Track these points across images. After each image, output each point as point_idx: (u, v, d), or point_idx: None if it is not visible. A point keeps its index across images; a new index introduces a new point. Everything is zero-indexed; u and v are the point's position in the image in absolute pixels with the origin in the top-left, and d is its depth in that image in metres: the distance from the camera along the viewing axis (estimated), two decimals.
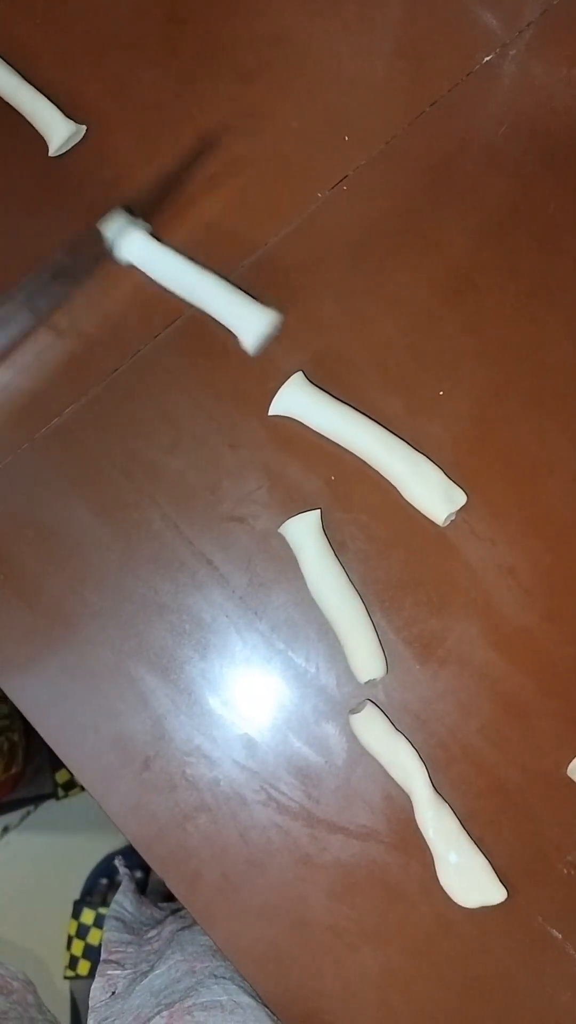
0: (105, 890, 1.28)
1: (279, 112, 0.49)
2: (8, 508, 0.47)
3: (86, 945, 1.25)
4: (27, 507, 0.47)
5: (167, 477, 0.47)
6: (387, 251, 0.48)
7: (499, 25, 0.50)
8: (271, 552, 0.46)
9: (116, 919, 0.67)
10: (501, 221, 0.48)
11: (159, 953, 0.61)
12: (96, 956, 1.23)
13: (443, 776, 0.45)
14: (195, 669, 0.46)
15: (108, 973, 0.60)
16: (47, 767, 1.27)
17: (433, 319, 0.47)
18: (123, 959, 0.62)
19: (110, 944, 0.64)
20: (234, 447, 0.47)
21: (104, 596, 0.46)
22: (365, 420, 0.45)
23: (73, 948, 1.26)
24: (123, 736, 0.46)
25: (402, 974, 0.44)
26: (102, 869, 1.30)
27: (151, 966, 0.60)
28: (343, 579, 0.45)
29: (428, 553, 0.46)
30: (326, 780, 0.45)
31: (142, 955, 0.62)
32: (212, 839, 0.45)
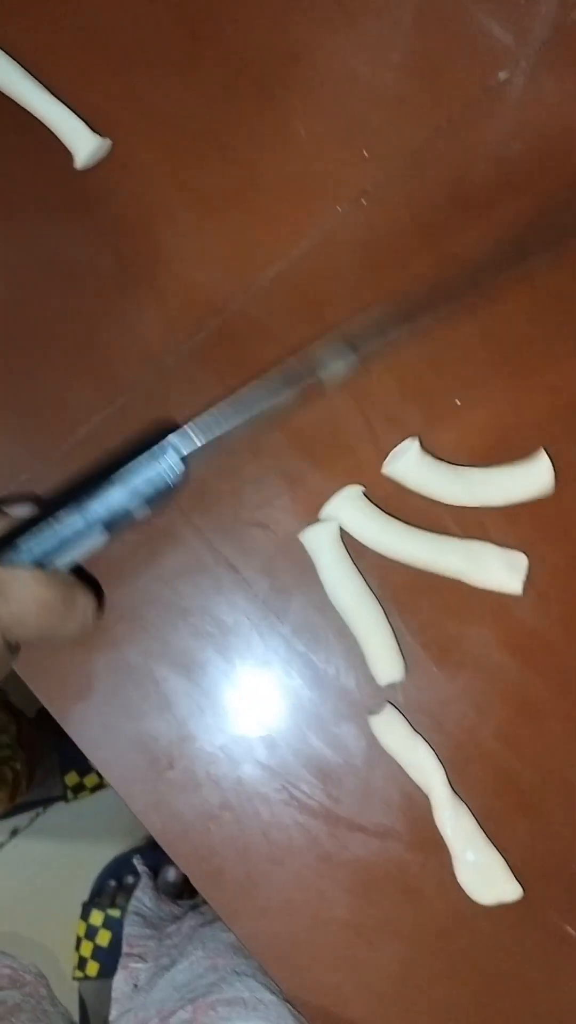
0: (114, 892, 1.29)
1: (299, 127, 0.51)
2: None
3: (95, 946, 1.26)
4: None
5: (191, 483, 0.48)
6: (404, 262, 0.49)
7: (514, 43, 0.51)
8: (292, 557, 0.48)
9: (136, 914, 0.68)
10: (517, 235, 0.49)
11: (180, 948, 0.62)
12: (105, 957, 1.24)
13: (460, 776, 0.46)
14: (218, 671, 0.47)
15: (130, 966, 0.61)
16: (56, 770, 1.29)
17: (449, 329, 0.49)
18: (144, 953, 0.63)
19: (131, 938, 0.65)
20: (256, 454, 0.48)
21: (128, 599, 0.48)
22: (413, 532, 0.47)
23: (82, 949, 1.27)
24: (147, 736, 0.47)
25: (420, 970, 0.45)
26: (111, 871, 1.31)
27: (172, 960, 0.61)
28: (361, 585, 0.47)
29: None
30: (346, 780, 0.46)
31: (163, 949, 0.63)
32: (235, 837, 0.46)
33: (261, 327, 0.49)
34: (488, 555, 0.46)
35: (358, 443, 0.48)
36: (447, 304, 0.48)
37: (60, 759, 1.29)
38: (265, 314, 0.49)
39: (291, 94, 0.51)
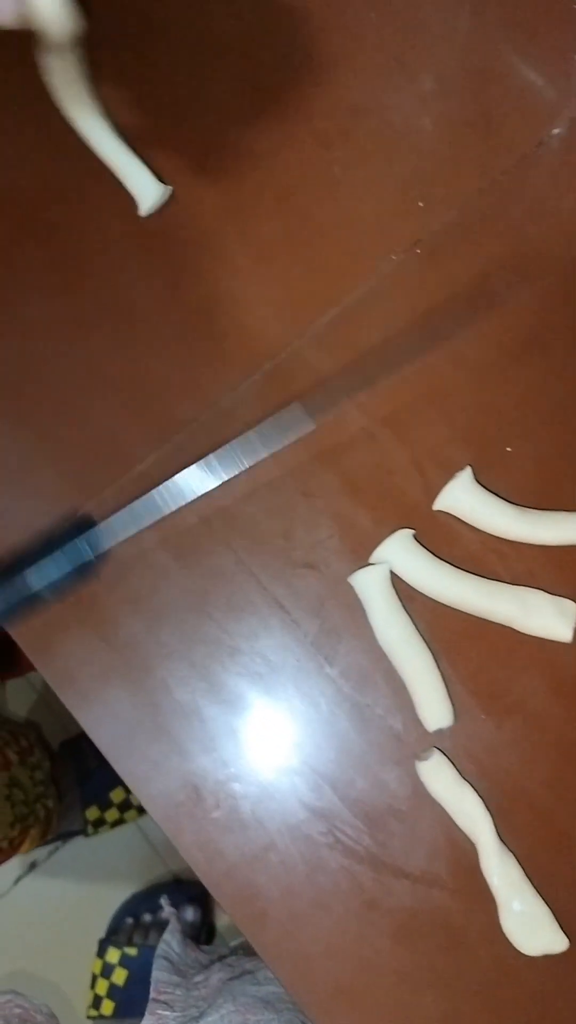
0: (131, 929, 1.28)
1: (356, 177, 0.52)
2: None
3: (111, 985, 1.24)
4: (108, 549, 0.48)
5: (242, 523, 0.49)
6: (457, 312, 0.50)
7: (565, 99, 0.52)
8: (341, 599, 0.48)
9: (164, 959, 0.68)
10: (569, 287, 0.50)
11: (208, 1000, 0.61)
12: (121, 996, 1.22)
13: (506, 824, 0.45)
14: (265, 711, 0.47)
15: (158, 1012, 0.61)
16: (78, 804, 1.28)
17: (502, 378, 0.49)
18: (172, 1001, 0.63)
19: (159, 984, 0.64)
20: (307, 495, 0.49)
21: (178, 637, 0.48)
22: (464, 576, 0.47)
23: (97, 987, 1.25)
24: (194, 774, 0.47)
25: (463, 1019, 0.45)
26: (129, 908, 1.30)
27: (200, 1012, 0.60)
28: (411, 629, 0.47)
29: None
30: (391, 825, 0.46)
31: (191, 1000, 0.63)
32: (279, 879, 0.46)
33: (314, 371, 0.50)
34: (538, 602, 0.46)
35: (409, 486, 0.49)
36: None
37: (82, 793, 1.28)
38: (318, 358, 0.50)
39: (350, 145, 0.52)
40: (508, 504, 0.47)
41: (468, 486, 0.47)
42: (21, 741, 1.08)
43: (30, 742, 1.10)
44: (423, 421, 0.49)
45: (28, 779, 1.04)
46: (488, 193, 0.51)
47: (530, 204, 0.51)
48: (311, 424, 0.48)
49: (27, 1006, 0.75)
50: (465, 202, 0.51)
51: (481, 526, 0.48)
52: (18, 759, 1.04)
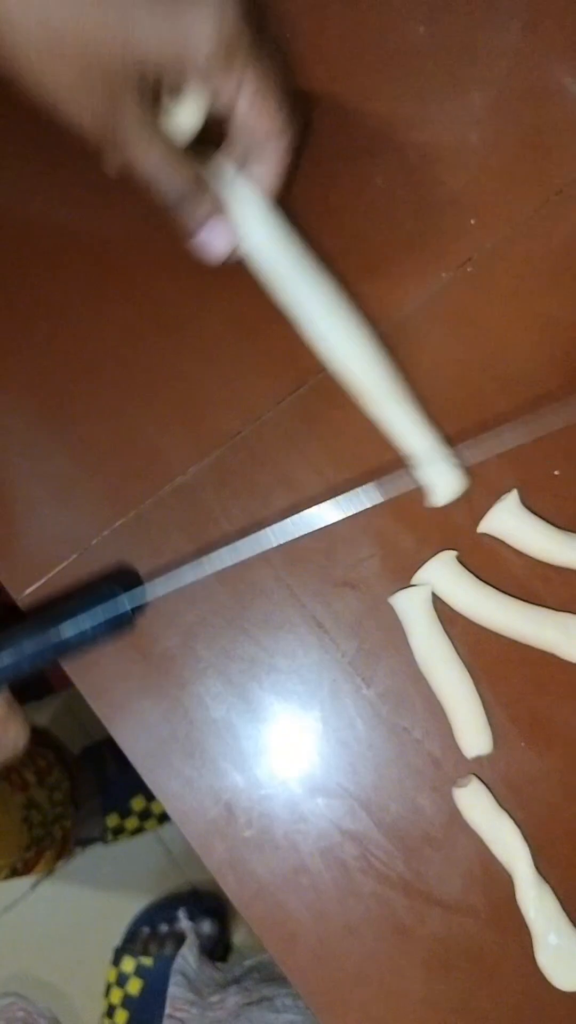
0: (147, 939, 1.27)
1: (409, 195, 0.51)
2: (129, 561, 0.48)
3: (125, 994, 1.23)
4: (147, 561, 0.48)
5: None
6: (507, 329, 0.50)
7: None
8: (381, 620, 0.47)
9: (181, 974, 0.67)
10: None
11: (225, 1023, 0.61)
12: (134, 1007, 1.22)
13: (545, 856, 0.45)
14: (300, 730, 0.47)
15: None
16: (99, 810, 1.27)
17: (550, 399, 0.49)
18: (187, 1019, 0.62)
19: (175, 1000, 0.64)
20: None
21: (215, 653, 0.48)
22: (507, 601, 0.46)
23: (111, 996, 1.24)
24: (227, 792, 0.46)
25: None
26: (145, 917, 1.29)
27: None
28: (451, 653, 0.46)
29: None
30: (426, 851, 0.45)
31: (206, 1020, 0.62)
32: (310, 903, 0.45)
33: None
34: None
35: (453, 507, 0.48)
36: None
37: (103, 800, 1.28)
38: None
39: (403, 161, 0.52)
40: (554, 528, 0.47)
41: (514, 509, 0.46)
42: (39, 761, 1.07)
43: (49, 762, 1.09)
44: (468, 442, 0.48)
45: (47, 800, 1.03)
46: (541, 211, 0.50)
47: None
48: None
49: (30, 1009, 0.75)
50: (518, 221, 0.50)
51: (526, 550, 0.47)
52: (36, 780, 1.03)
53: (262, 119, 0.41)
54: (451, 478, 0.46)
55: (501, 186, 0.51)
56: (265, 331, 0.50)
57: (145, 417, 0.50)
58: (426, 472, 0.46)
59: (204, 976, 0.71)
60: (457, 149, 0.52)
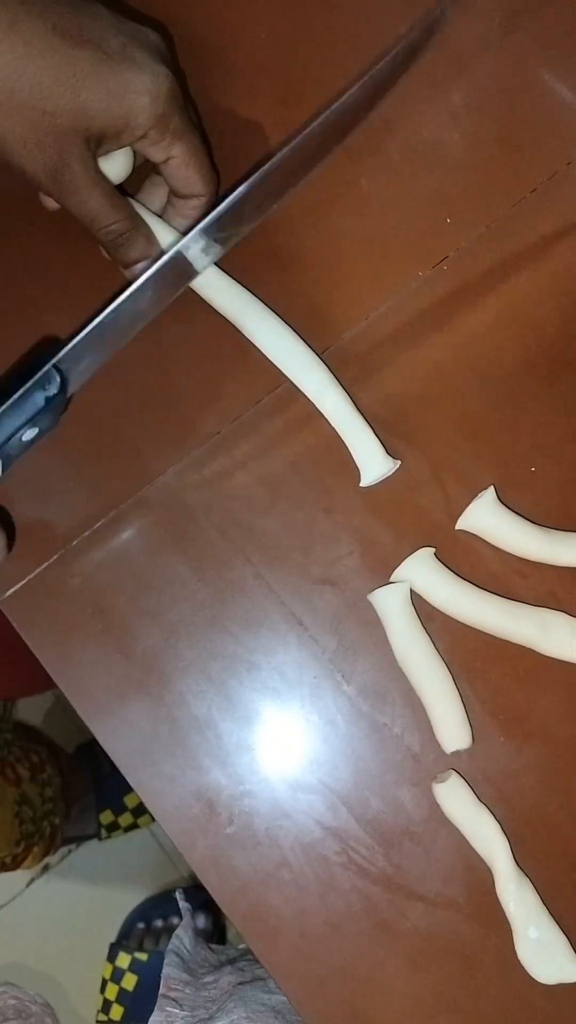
0: (142, 935, 1.28)
1: (385, 193, 0.51)
2: (110, 561, 0.48)
3: (120, 990, 1.24)
4: (128, 561, 0.48)
5: (262, 538, 0.48)
6: (483, 329, 0.50)
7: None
8: (360, 617, 0.48)
9: (176, 954, 0.67)
10: None
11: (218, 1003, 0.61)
12: (130, 1002, 1.22)
13: (524, 850, 0.45)
14: (281, 727, 0.47)
15: (167, 1010, 0.61)
16: (92, 807, 1.28)
17: (528, 396, 0.49)
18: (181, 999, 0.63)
19: (169, 980, 0.64)
20: (328, 511, 0.49)
21: (196, 651, 0.48)
22: (485, 597, 0.47)
23: (107, 992, 1.25)
24: (209, 790, 0.47)
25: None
26: (140, 913, 1.30)
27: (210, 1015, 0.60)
28: (430, 649, 0.46)
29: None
30: (407, 846, 0.46)
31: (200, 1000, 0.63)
32: (292, 898, 0.46)
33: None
34: (560, 624, 0.46)
35: (431, 504, 0.48)
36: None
37: (97, 797, 1.29)
38: (341, 373, 0.50)
39: (379, 160, 0.52)
40: (532, 524, 0.47)
41: (491, 506, 0.47)
42: (32, 757, 1.08)
43: (41, 759, 1.10)
44: (446, 439, 0.49)
45: (38, 796, 1.04)
46: (517, 211, 0.51)
47: (559, 222, 0.50)
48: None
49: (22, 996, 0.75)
50: (493, 219, 0.51)
51: (504, 546, 0.47)
52: (29, 775, 1.04)
53: (187, 182, 0.46)
54: (379, 459, 0.47)
55: (477, 184, 0.51)
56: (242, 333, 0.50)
57: (124, 419, 0.50)
58: (357, 454, 0.47)
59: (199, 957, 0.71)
60: (435, 148, 0.52)
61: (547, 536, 0.47)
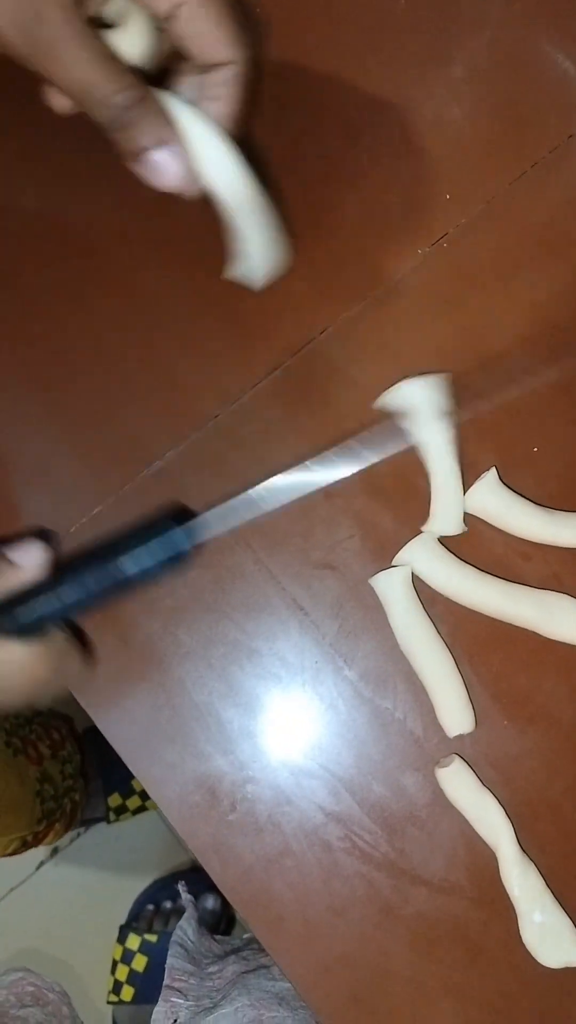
0: (151, 916, 1.28)
1: (383, 169, 0.50)
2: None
3: (131, 971, 1.25)
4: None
5: (261, 522, 0.48)
6: (484, 307, 0.49)
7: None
8: (361, 600, 0.47)
9: (180, 945, 0.68)
10: None
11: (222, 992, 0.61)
12: (141, 983, 1.23)
13: (528, 834, 0.45)
14: (282, 713, 0.47)
15: (171, 1000, 0.61)
16: (100, 791, 1.28)
17: (528, 376, 0.48)
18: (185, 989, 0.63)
19: (173, 971, 0.64)
20: (328, 495, 0.48)
21: (196, 637, 0.47)
22: (487, 579, 0.46)
23: (117, 973, 1.25)
24: (210, 777, 0.46)
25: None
26: (149, 895, 1.30)
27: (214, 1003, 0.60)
28: (432, 633, 0.46)
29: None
30: (410, 831, 0.45)
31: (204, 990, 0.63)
32: (295, 885, 0.45)
33: (335, 367, 0.49)
34: (563, 606, 0.45)
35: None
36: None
37: (104, 780, 1.29)
38: (340, 353, 0.49)
39: (376, 135, 0.51)
40: (534, 505, 0.46)
41: (494, 487, 0.46)
42: (53, 735, 1.08)
43: (62, 735, 1.10)
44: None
45: (59, 773, 1.04)
46: (517, 186, 0.50)
47: (560, 197, 0.49)
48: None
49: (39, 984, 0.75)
50: (493, 195, 0.50)
51: (506, 528, 0.46)
52: (50, 753, 1.04)
53: (206, 41, 0.37)
54: (270, 253, 0.44)
55: (477, 160, 0.50)
56: (240, 315, 0.49)
57: (122, 403, 0.50)
58: (247, 248, 0.44)
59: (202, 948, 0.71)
60: (434, 123, 0.51)
61: (550, 517, 0.46)
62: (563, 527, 0.46)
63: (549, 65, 0.51)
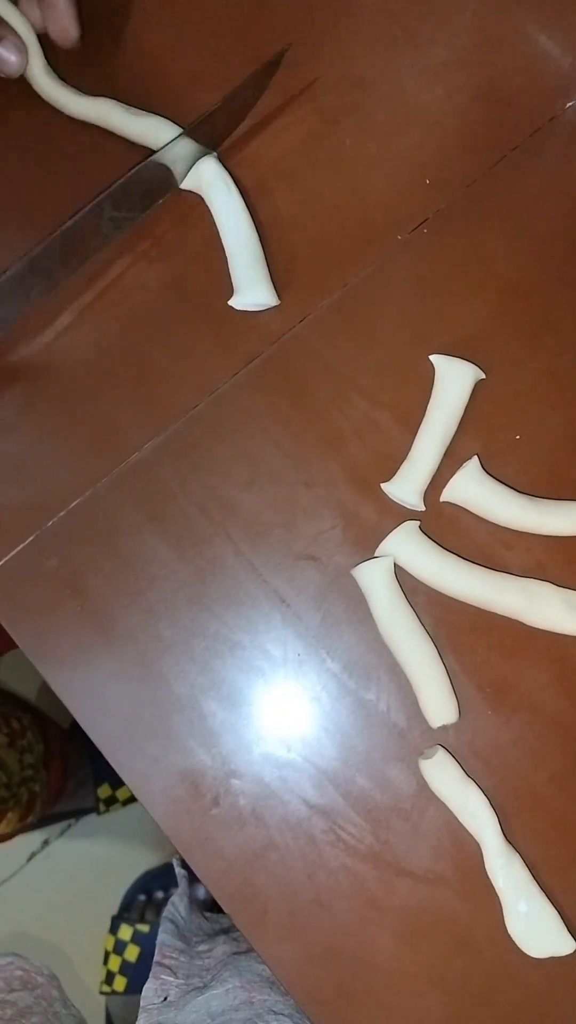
0: (143, 906, 1.28)
1: (361, 154, 0.50)
2: (87, 541, 0.47)
3: (123, 961, 1.25)
4: (105, 540, 0.47)
5: (243, 514, 0.47)
6: (465, 293, 0.49)
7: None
8: (344, 592, 0.47)
9: (171, 921, 0.67)
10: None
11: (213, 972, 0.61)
12: (133, 973, 1.23)
13: (513, 824, 0.44)
14: (265, 706, 0.46)
15: (162, 977, 0.60)
16: (90, 781, 1.28)
17: (511, 363, 0.48)
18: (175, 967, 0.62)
19: (164, 947, 0.64)
20: (310, 485, 0.47)
21: (177, 631, 0.47)
22: (470, 568, 0.46)
23: (110, 963, 1.26)
24: (193, 771, 0.46)
25: (468, 1022, 0.44)
26: (141, 885, 1.30)
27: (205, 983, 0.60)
28: (415, 623, 0.45)
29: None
30: (394, 823, 0.45)
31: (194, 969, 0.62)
32: (280, 878, 0.45)
33: (315, 354, 0.49)
34: (546, 594, 0.45)
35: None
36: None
37: (94, 771, 1.29)
38: (319, 341, 0.48)
39: (354, 120, 0.50)
40: (517, 493, 0.46)
41: (476, 476, 0.46)
42: (12, 723, 1.09)
43: (23, 725, 1.11)
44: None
45: (16, 762, 1.05)
46: (498, 170, 0.49)
47: (541, 181, 0.49)
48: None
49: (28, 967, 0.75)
50: (474, 179, 0.49)
51: (489, 516, 0.46)
52: (7, 742, 1.05)
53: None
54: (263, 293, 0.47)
55: (457, 143, 0.50)
56: (217, 304, 0.49)
57: (99, 395, 0.49)
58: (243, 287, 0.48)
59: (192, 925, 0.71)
60: (414, 107, 0.50)
61: (533, 504, 0.46)
62: (546, 515, 0.45)
63: (530, 45, 0.50)
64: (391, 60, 0.51)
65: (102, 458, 0.48)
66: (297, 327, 0.48)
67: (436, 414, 0.46)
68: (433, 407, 0.46)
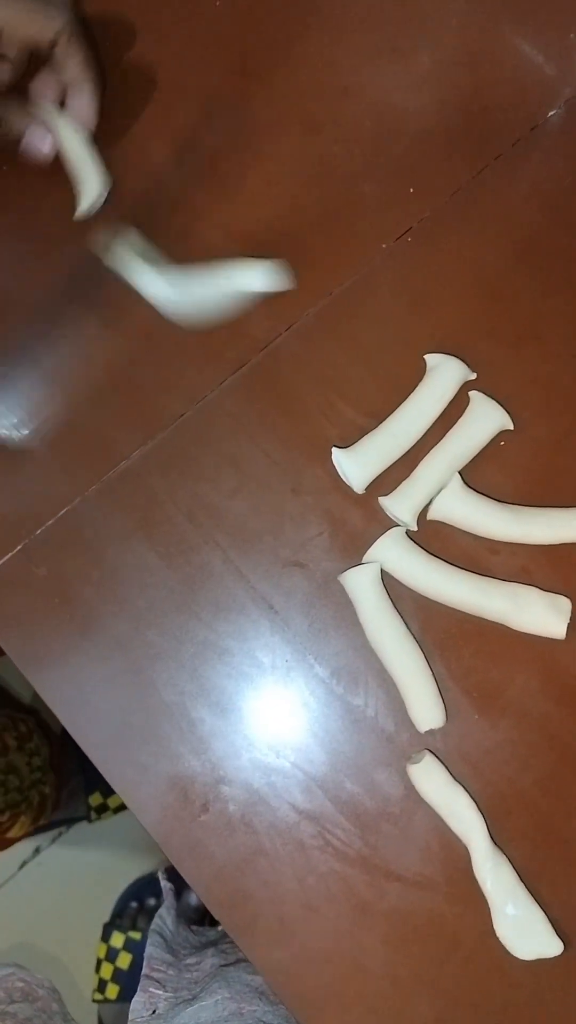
0: (135, 914, 1.28)
1: (345, 163, 0.50)
2: (75, 548, 0.48)
3: (115, 969, 1.25)
4: (94, 548, 0.48)
5: (230, 521, 0.48)
6: (449, 300, 0.49)
7: (563, 80, 0.50)
8: (331, 598, 0.47)
9: (158, 934, 0.67)
10: (567, 274, 0.48)
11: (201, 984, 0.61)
12: (125, 980, 1.23)
13: (500, 827, 0.45)
14: (254, 712, 0.47)
15: (150, 990, 0.60)
16: (81, 790, 1.28)
17: (495, 368, 0.48)
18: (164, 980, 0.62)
19: (152, 960, 0.64)
20: (297, 492, 0.48)
21: (166, 638, 0.47)
22: (456, 573, 0.46)
23: (102, 971, 1.26)
24: (183, 778, 0.46)
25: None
26: (132, 893, 1.30)
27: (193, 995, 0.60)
28: (402, 629, 0.46)
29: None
30: (383, 827, 0.45)
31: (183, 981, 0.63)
32: (270, 883, 0.45)
33: (301, 362, 0.49)
34: (532, 599, 0.45)
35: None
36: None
37: (85, 779, 1.29)
38: (306, 349, 0.49)
39: (338, 129, 0.50)
40: (501, 506, 0.46)
41: (459, 493, 0.46)
42: (20, 727, 1.09)
43: (29, 728, 1.11)
44: None
45: (25, 765, 1.05)
46: (481, 178, 0.50)
47: (524, 189, 0.49)
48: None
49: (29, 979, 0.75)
50: (457, 188, 0.50)
51: (475, 531, 0.46)
52: (16, 744, 1.05)
53: (78, 53, 0.47)
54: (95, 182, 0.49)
55: (441, 152, 0.50)
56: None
57: (88, 403, 0.49)
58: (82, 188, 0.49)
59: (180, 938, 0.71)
60: (398, 116, 0.51)
61: (517, 516, 0.46)
62: (531, 525, 0.46)
63: (513, 56, 0.51)
64: (376, 69, 0.51)
65: (90, 467, 0.49)
66: (283, 335, 0.49)
67: (451, 439, 0.47)
68: (452, 434, 0.47)
